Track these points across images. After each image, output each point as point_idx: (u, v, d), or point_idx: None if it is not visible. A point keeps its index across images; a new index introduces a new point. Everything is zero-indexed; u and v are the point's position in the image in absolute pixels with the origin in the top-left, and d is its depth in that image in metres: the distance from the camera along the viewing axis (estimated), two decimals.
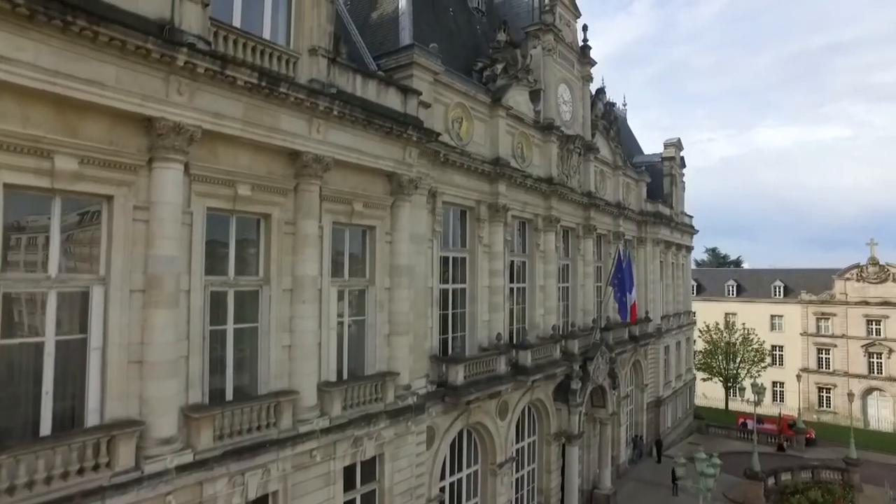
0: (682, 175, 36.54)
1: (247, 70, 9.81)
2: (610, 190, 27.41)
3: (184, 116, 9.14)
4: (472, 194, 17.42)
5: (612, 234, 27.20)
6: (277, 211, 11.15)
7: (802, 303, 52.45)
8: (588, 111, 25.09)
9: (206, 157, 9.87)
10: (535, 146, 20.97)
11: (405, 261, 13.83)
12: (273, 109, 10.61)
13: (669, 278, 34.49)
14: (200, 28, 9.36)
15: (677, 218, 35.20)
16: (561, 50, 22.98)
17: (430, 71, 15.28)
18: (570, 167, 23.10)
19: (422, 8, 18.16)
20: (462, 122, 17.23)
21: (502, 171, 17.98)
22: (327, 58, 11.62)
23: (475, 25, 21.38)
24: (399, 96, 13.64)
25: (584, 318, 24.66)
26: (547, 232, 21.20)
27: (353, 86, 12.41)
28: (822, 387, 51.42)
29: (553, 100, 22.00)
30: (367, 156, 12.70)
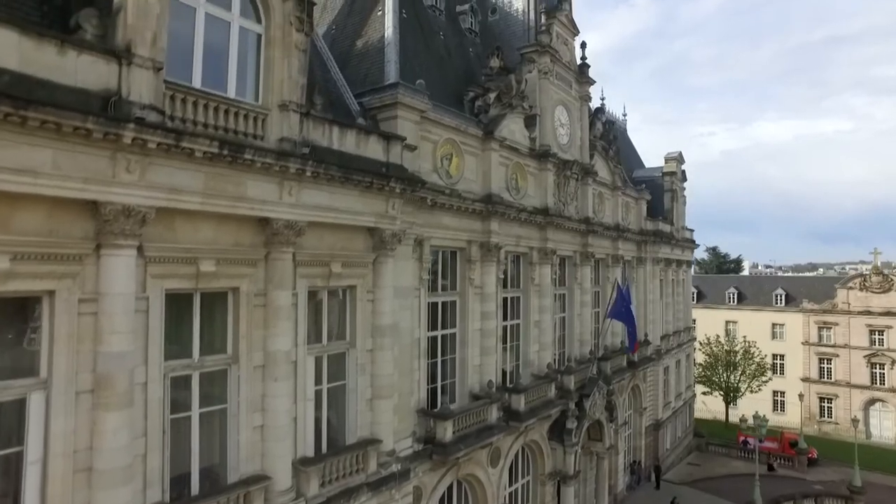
0: (682, 189, 35.60)
1: (205, 140, 8.90)
2: (609, 212, 26.51)
3: (134, 197, 8.26)
4: (463, 235, 16.54)
5: (610, 257, 26.34)
6: (246, 283, 10.29)
7: (804, 311, 51.65)
8: (586, 132, 24.14)
9: (163, 236, 9.00)
10: (531, 175, 20.06)
11: (388, 320, 12.99)
12: (238, 176, 9.72)
13: (669, 296, 33.68)
14: (153, 95, 8.46)
15: (678, 234, 34.31)
16: (558, 71, 21.98)
17: (415, 110, 14.34)
18: (567, 194, 22.19)
19: (409, 34, 17.20)
20: (452, 158, 16.32)
21: (495, 208, 17.10)
22: (299, 112, 10.69)
23: (467, 48, 20.38)
24: (381, 144, 12.73)
25: (581, 347, 23.88)
26: (542, 265, 20.34)
27: (329, 139, 11.50)
28: (823, 397, 50.77)
29: (549, 124, 21.04)
30: (346, 213, 11.83)
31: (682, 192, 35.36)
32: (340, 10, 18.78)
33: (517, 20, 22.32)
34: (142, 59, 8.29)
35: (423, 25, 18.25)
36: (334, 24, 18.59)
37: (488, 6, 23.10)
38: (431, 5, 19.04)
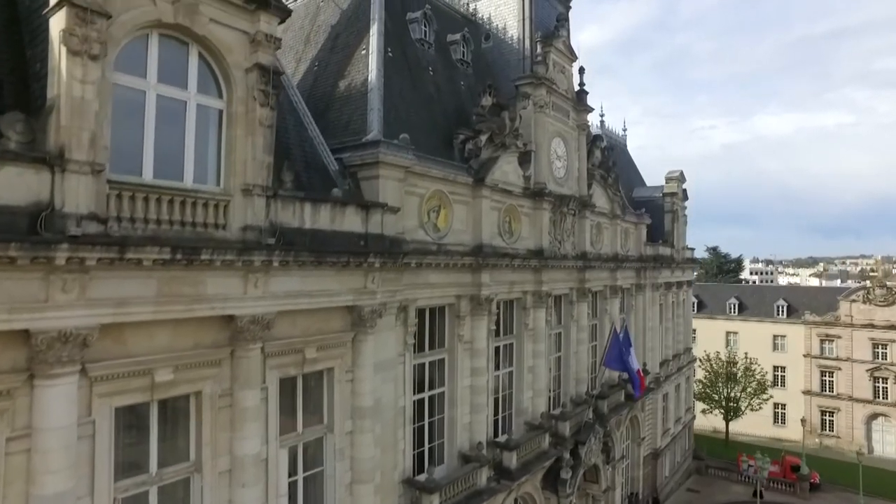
0: (683, 209, 34.64)
1: (155, 248, 8.01)
2: (607, 241, 25.60)
3: (72, 319, 7.40)
4: (452, 290, 15.67)
5: (608, 288, 25.46)
6: (209, 385, 9.45)
7: (806, 324, 50.84)
8: (584, 162, 23.17)
9: (111, 351, 8.14)
10: (525, 216, 19.13)
11: (369, 401, 12.16)
12: (196, 276, 8.85)
13: (669, 320, 32.87)
14: (92, 202, 7.57)
15: (678, 255, 33.42)
16: (555, 101, 20.96)
17: (399, 167, 13.41)
18: (563, 231, 21.28)
19: (396, 74, 16.22)
20: (440, 209, 15.40)
21: (486, 261, 16.21)
22: (265, 196, 9.78)
23: (458, 81, 19.35)
24: (359, 214, 11.83)
25: (578, 386, 23.09)
26: (537, 308, 19.48)
27: (300, 218, 10.60)
28: (825, 410, 50.12)
29: (545, 160, 20.07)
30: (321, 296, 10.96)
31: (682, 211, 34.42)
32: (323, 46, 17.77)
33: (512, 48, 21.26)
34: (78, 164, 7.40)
35: (411, 62, 17.25)
36: (317, 60, 17.59)
37: (482, 32, 22.04)
38: (420, 38, 18.01)
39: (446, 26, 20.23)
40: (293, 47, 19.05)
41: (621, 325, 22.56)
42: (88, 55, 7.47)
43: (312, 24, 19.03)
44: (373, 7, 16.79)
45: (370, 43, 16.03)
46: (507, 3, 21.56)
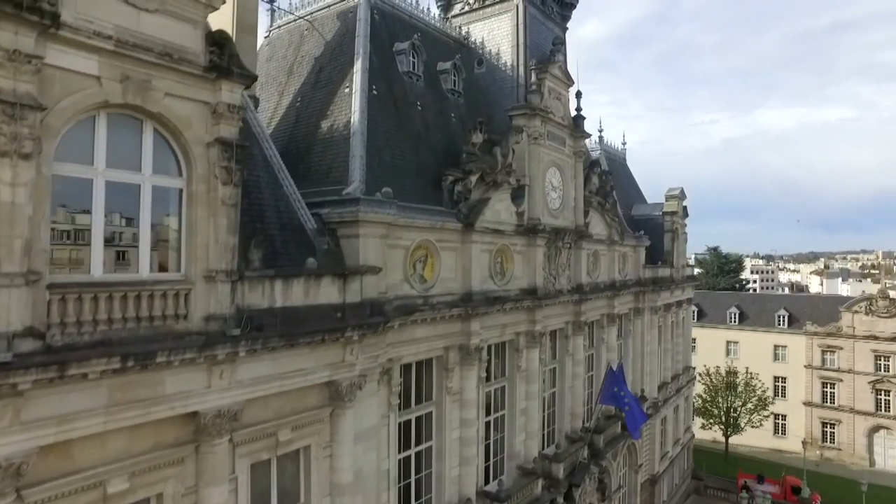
0: (684, 226, 33.85)
1: (102, 360, 7.32)
2: (604, 268, 24.86)
3: (3, 447, 6.71)
4: (439, 342, 14.99)
5: (605, 317, 24.77)
6: (171, 485, 8.79)
7: (808, 334, 50.17)
8: (581, 191, 22.38)
9: (54, 468, 7.46)
10: (518, 254, 18.39)
11: (348, 476, 11.50)
12: (153, 376, 8.15)
13: (669, 341, 32.21)
14: (28, 315, 6.88)
15: (678, 275, 32.70)
16: (550, 130, 20.15)
17: (381, 224, 12.66)
18: (558, 265, 20.55)
19: (381, 113, 15.43)
20: (427, 259, 14.68)
21: (476, 309, 15.51)
22: (231, 281, 9.07)
23: (449, 114, 18.53)
24: (336, 284, 11.12)
25: (573, 421, 22.46)
26: (530, 349, 18.80)
27: (270, 298, 9.88)
28: (826, 422, 49.57)
29: (539, 193, 19.30)
30: (295, 376, 10.28)
31: (683, 229, 33.63)
32: (307, 80, 16.99)
33: (505, 75, 20.42)
34: (9, 278, 6.68)
35: (398, 98, 16.44)
36: (300, 95, 16.81)
37: (474, 57, 21.17)
38: (408, 71, 17.18)
39: (437, 53, 19.39)
40: (276, 78, 18.27)
41: (617, 364, 21.95)
42: (19, 155, 6.74)
43: (296, 53, 18.22)
44: (357, 41, 16.02)
45: (354, 81, 15.26)
46: (500, 27, 20.70)
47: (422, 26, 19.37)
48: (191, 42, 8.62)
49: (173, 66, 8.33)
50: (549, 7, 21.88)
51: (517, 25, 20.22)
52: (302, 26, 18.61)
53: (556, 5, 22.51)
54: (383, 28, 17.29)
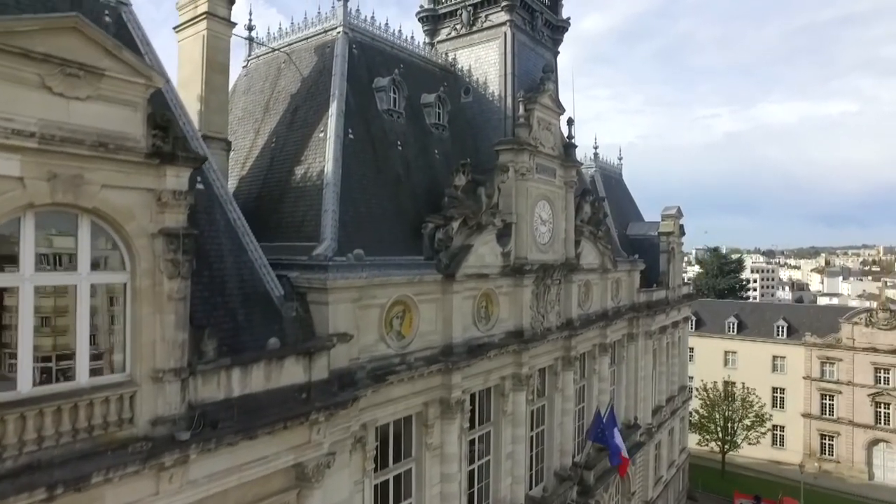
0: (680, 245, 33.15)
1: (23, 494, 6.73)
2: (597, 298, 24.23)
3: None
4: (418, 398, 14.41)
5: (597, 347, 24.17)
6: None
7: (807, 345, 49.56)
8: (571, 222, 21.69)
9: None
10: (504, 296, 17.77)
11: None
12: (89, 496, 7.56)
13: (664, 364, 31.63)
14: None
15: (674, 295, 32.05)
16: (539, 163, 19.44)
17: (353, 288, 12.04)
18: (547, 302, 19.92)
19: (358, 156, 14.76)
20: (405, 314, 14.06)
21: (457, 364, 14.91)
22: (181, 379, 8.46)
23: (433, 150, 17.81)
24: (301, 363, 10.50)
25: (562, 458, 21.90)
26: (517, 392, 18.21)
27: (227, 388, 9.28)
28: (825, 434, 49.07)
29: (527, 230, 18.62)
30: (255, 465, 9.67)
31: (679, 247, 32.93)
32: (282, 119, 16.30)
33: (492, 105, 19.65)
34: None
35: (377, 140, 15.74)
36: (275, 135, 16.13)
37: (461, 85, 20.40)
38: (388, 109, 16.44)
39: (421, 84, 18.65)
40: (252, 114, 17.58)
41: (608, 408, 21.45)
42: None
43: (273, 88, 17.51)
44: (333, 80, 15.31)
45: (328, 125, 14.57)
46: (487, 55, 19.91)
47: (405, 56, 18.62)
48: (130, 127, 7.95)
49: (110, 156, 7.68)
50: (540, 32, 21.06)
51: (504, 54, 19.43)
52: (280, 58, 17.88)
53: (547, 30, 21.68)
54: (362, 62, 16.55)
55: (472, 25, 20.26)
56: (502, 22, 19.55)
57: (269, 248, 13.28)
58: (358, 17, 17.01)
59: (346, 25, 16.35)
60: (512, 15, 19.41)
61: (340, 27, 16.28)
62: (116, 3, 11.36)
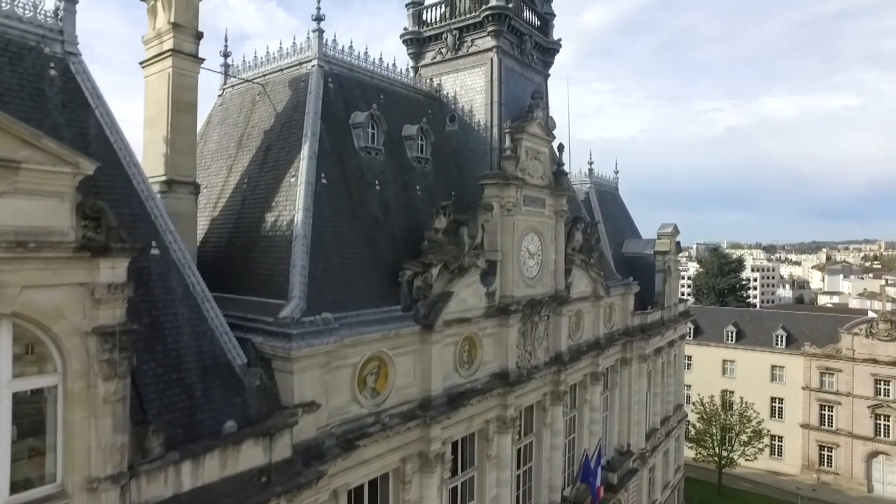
0: (676, 262, 32.41)
1: None
2: (588, 326, 23.55)
3: None
4: (395, 455, 13.81)
5: (589, 376, 23.53)
6: None
7: (806, 355, 48.89)
8: (562, 252, 20.96)
9: None
10: (488, 337, 17.12)
11: None
12: None
13: (659, 385, 31.00)
14: None
15: (670, 314, 31.35)
16: (528, 195, 18.69)
17: (320, 354, 11.39)
18: (535, 339, 19.25)
19: (331, 201, 14.04)
20: (380, 369, 13.42)
21: (437, 418, 14.29)
22: (119, 486, 7.83)
23: (414, 187, 17.04)
24: (261, 444, 9.89)
25: (551, 494, 21.30)
26: (501, 434, 17.59)
27: (177, 483, 8.67)
28: (823, 445, 48.52)
29: (514, 267, 17.90)
30: None
31: (675, 265, 32.20)
32: (255, 157, 15.60)
33: (478, 135, 18.86)
34: None
35: (352, 182, 14.99)
36: (247, 176, 15.43)
37: (446, 113, 19.59)
38: (366, 147, 15.68)
39: (403, 113, 17.87)
40: (226, 149, 16.86)
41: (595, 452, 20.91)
42: None
43: (247, 122, 16.76)
44: (306, 119, 14.57)
45: (300, 169, 13.85)
46: (473, 82, 19.10)
47: (386, 85, 17.83)
48: (57, 220, 7.28)
49: (31, 255, 7.02)
50: (529, 56, 20.20)
51: (491, 81, 18.61)
52: (255, 88, 17.11)
53: (537, 52, 20.83)
54: (339, 96, 15.78)
55: (458, 50, 19.43)
56: (489, 48, 18.72)
57: (237, 303, 12.73)
58: (335, 48, 16.23)
59: (322, 58, 15.57)
60: (499, 41, 18.58)
61: (315, 60, 15.50)
62: (64, 53, 10.64)
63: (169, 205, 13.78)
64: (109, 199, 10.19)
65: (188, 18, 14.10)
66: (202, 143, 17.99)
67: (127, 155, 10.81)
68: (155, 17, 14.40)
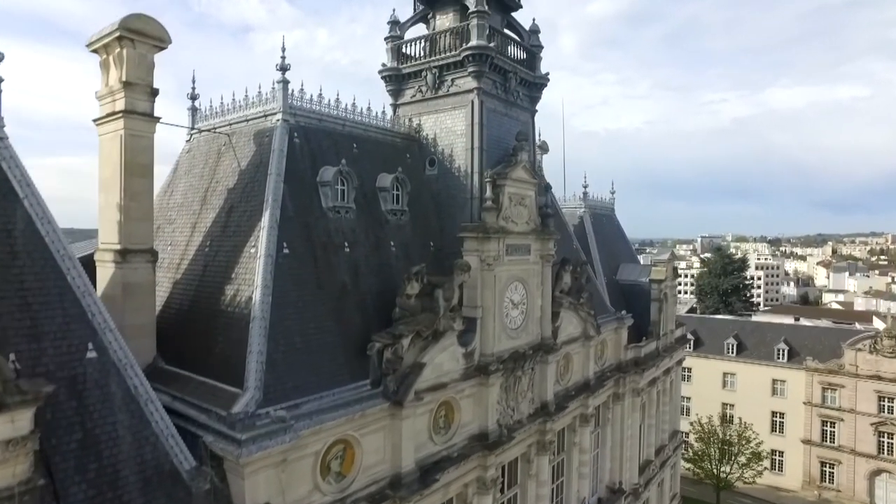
0: (674, 288, 31.47)
1: None
2: (578, 367, 22.76)
3: None
4: None
5: (578, 418, 22.78)
6: None
7: (808, 370, 47.96)
8: (549, 297, 20.09)
9: None
10: (467, 398, 16.36)
11: None
12: None
13: (654, 416, 30.23)
14: None
15: (667, 342, 30.50)
16: (511, 243, 17.82)
17: (275, 454, 10.66)
18: (518, 393, 18.47)
19: (294, 271, 13.27)
20: (346, 451, 12.70)
21: (407, 495, 13.58)
22: None
23: (388, 244, 16.17)
24: None
25: None
26: (482, 495, 16.90)
27: None
28: (825, 461, 47.75)
29: (494, 324, 17.07)
30: None
31: (672, 292, 31.26)
32: (217, 218, 14.82)
33: (458, 181, 17.93)
34: None
35: (319, 248, 14.14)
36: (209, 238, 14.66)
37: (426, 155, 18.68)
38: (334, 206, 14.84)
39: (378, 160, 17.00)
40: (191, 204, 16.08)
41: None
42: None
43: (212, 175, 15.96)
44: (269, 181, 13.77)
45: (260, 239, 13.06)
46: (454, 124, 18.14)
47: (359, 132, 16.94)
48: None
49: None
50: (513, 94, 19.19)
51: (472, 125, 17.65)
52: (221, 138, 16.28)
53: (523, 88, 19.81)
54: (305, 152, 14.92)
55: (438, 89, 18.46)
56: (469, 89, 17.75)
57: (195, 386, 12.09)
58: (303, 98, 15.33)
59: (286, 112, 14.70)
60: (480, 82, 17.60)
61: (279, 114, 14.64)
62: None
63: (124, 276, 13.11)
64: (39, 300, 9.59)
65: (141, 75, 13.27)
66: (169, 192, 17.24)
67: (61, 248, 10.02)
68: (107, 72, 13.57)
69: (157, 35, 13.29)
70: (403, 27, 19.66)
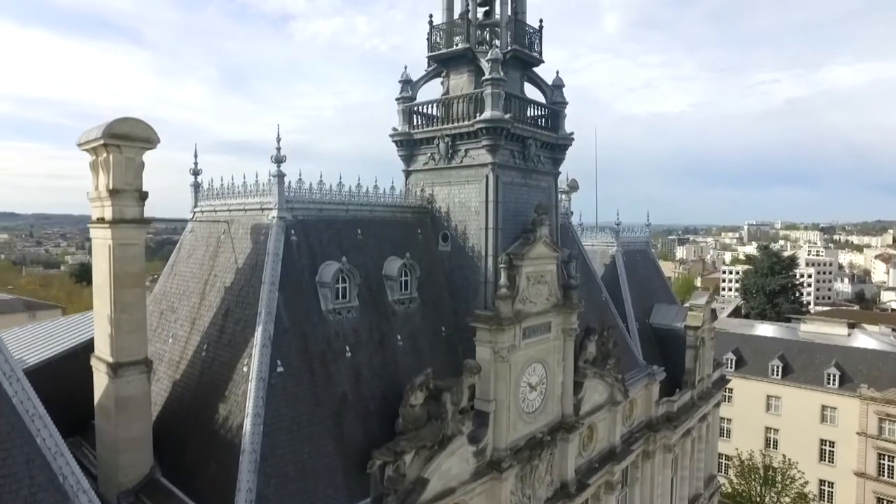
0: (711, 331, 29.33)
1: None
2: (603, 434, 21.41)
3: None
4: None
5: (603, 486, 21.52)
6: None
7: (863, 398, 44.63)
8: (570, 373, 18.75)
9: None
10: (478, 497, 15.40)
11: None
12: None
13: (687, 468, 28.53)
14: None
15: (702, 387, 28.58)
16: (529, 325, 16.58)
17: None
18: (535, 480, 17.39)
19: (290, 389, 12.67)
20: None
21: None
22: None
23: (394, 339, 15.18)
24: None
25: None
26: None
27: None
28: (882, 497, 44.39)
29: (509, 414, 15.98)
30: None
31: (710, 334, 29.16)
32: (214, 321, 14.26)
33: (472, 262, 16.69)
34: None
35: (317, 360, 13.29)
36: (206, 341, 14.13)
37: (439, 229, 17.47)
38: (334, 308, 13.95)
39: (385, 243, 16.03)
40: (191, 295, 15.58)
41: None
42: None
43: (212, 266, 15.36)
44: (263, 290, 13.01)
45: (253, 358, 12.35)
46: (468, 200, 16.85)
47: (364, 214, 15.94)
48: None
49: None
50: (534, 159, 17.65)
51: (486, 202, 16.33)
52: (220, 226, 15.60)
53: (545, 151, 18.21)
54: (303, 250, 14.04)
55: (451, 159, 17.16)
56: (483, 163, 16.38)
57: None
58: (300, 188, 14.40)
59: (283, 208, 13.83)
60: (495, 156, 16.20)
61: (275, 210, 13.77)
62: None
63: (117, 389, 12.71)
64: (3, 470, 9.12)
65: (129, 180, 12.67)
66: (173, 275, 16.80)
67: (31, 408, 9.51)
68: (97, 175, 13.03)
69: (143, 137, 12.63)
70: (416, 86, 18.34)
